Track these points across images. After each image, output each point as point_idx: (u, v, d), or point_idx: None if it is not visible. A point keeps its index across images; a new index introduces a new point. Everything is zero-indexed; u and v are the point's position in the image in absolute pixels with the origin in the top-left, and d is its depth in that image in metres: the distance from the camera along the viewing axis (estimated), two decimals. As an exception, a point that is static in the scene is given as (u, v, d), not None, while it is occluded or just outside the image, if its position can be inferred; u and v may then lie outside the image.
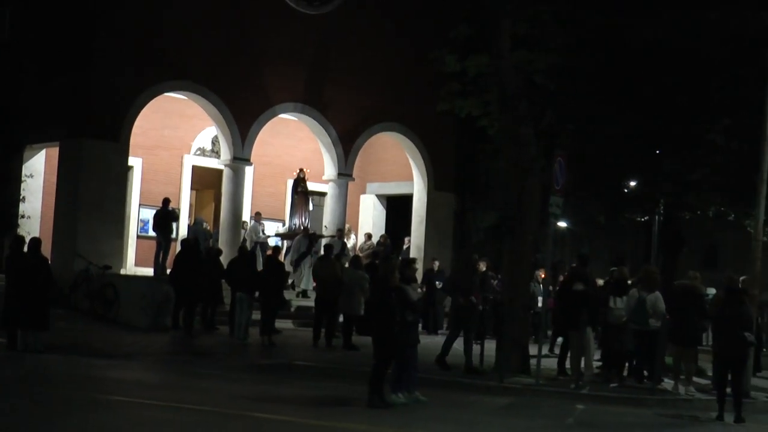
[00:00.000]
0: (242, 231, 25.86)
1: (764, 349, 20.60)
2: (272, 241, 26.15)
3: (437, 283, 24.40)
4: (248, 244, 25.05)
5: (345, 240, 27.22)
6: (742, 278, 17.37)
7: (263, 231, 26.18)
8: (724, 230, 24.64)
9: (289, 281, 24.77)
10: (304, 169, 27.30)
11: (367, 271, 20.44)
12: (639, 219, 25.04)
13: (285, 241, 26.66)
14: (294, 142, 28.54)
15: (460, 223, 33.09)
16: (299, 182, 27.23)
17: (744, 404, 14.44)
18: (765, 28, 17.60)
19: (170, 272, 21.74)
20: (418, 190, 29.55)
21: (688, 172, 20.32)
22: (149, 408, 12.33)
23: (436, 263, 25.14)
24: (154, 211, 24.32)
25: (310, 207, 27.55)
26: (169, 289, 21.02)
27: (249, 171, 26.53)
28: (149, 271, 24.11)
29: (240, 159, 25.65)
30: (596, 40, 21.65)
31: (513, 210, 17.78)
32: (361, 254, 23.97)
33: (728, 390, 14.32)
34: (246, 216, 26.83)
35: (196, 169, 27.75)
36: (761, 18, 18.16)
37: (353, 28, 27.19)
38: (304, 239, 24.84)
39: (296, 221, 26.63)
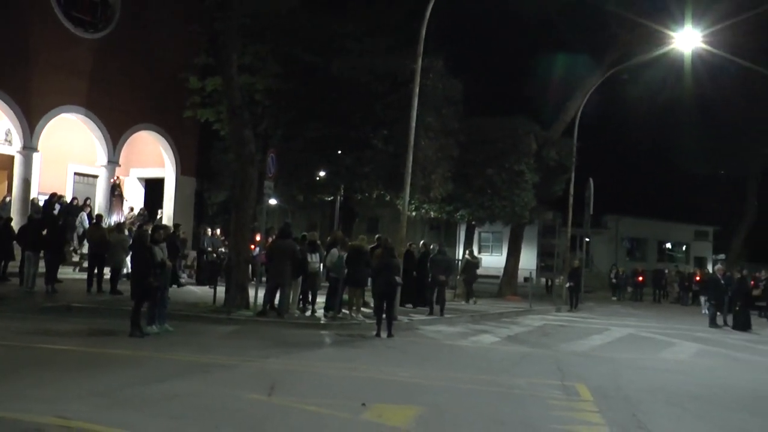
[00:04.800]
0: (85, 210, 24.05)
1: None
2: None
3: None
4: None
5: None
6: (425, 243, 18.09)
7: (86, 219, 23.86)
8: (383, 207, 25.53)
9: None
10: (120, 177, 25.89)
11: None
12: (326, 198, 25.49)
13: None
14: (74, 135, 26.50)
15: (199, 200, 32.33)
16: (115, 187, 25.81)
17: (393, 325, 15.21)
18: (411, 72, 18.38)
19: (-31, 236, 19.70)
20: (168, 174, 28.56)
21: (360, 166, 20.96)
22: (-51, 344, 11.16)
23: (181, 231, 24.22)
24: (-45, 188, 21.97)
25: (125, 208, 26.01)
26: (-32, 250, 19.19)
27: (37, 157, 24.36)
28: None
29: (29, 148, 23.58)
30: (300, 71, 21.84)
31: (237, 191, 17.64)
32: (126, 222, 22.75)
33: (384, 315, 15.00)
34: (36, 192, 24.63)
35: (-8, 155, 25.22)
36: (408, 65, 19.01)
37: (122, 50, 25.63)
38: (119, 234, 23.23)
39: (113, 219, 24.87)
